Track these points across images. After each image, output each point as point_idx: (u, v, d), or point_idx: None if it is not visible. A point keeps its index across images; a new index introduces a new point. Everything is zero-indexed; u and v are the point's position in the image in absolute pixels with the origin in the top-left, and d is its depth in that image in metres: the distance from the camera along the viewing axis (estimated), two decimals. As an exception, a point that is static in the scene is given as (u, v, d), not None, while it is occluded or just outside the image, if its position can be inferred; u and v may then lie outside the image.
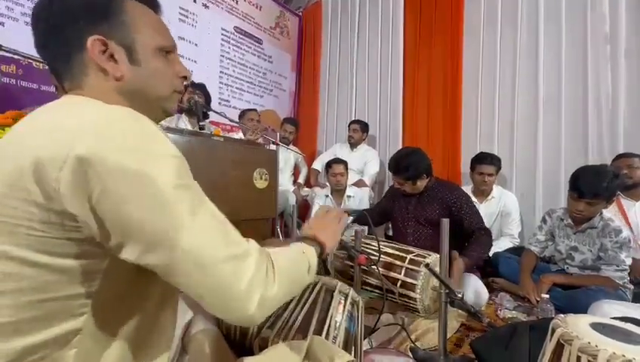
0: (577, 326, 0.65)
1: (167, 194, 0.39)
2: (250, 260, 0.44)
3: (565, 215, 1.75)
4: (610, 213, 1.86)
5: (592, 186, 1.52)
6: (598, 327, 0.64)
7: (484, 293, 1.54)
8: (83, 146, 0.37)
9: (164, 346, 0.54)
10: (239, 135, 2.94)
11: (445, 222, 1.03)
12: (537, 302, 1.55)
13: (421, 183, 1.74)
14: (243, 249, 0.44)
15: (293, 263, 0.54)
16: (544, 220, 1.85)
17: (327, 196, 2.68)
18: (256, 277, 0.43)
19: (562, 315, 0.71)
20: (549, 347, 0.67)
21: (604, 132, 2.22)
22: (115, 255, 0.41)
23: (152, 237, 0.39)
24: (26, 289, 0.39)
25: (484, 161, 2.26)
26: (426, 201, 1.75)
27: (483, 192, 2.30)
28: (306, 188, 3.32)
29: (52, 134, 0.39)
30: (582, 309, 1.34)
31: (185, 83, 0.57)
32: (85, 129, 0.38)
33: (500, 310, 1.51)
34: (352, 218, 1.13)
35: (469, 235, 1.66)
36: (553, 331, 0.67)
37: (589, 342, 0.60)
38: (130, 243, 0.39)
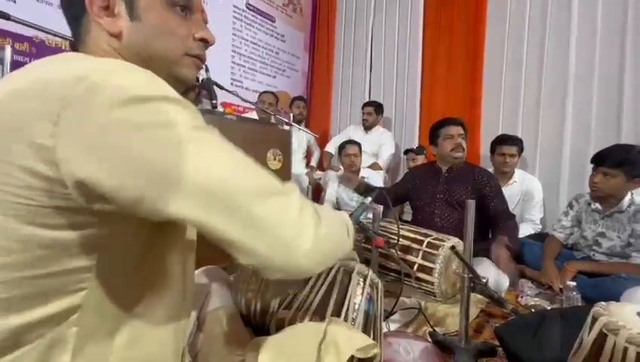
0: (623, 315, 0.59)
1: (188, 135, 0.35)
2: (295, 195, 0.40)
3: (593, 200, 1.66)
4: None
5: (612, 154, 1.47)
6: (647, 317, 0.58)
7: (505, 279, 1.49)
8: (80, 99, 0.33)
9: (183, 319, 0.51)
10: (252, 116, 2.89)
11: (471, 204, 0.97)
12: (560, 289, 1.49)
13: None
14: (284, 185, 0.41)
15: (330, 214, 0.49)
16: (570, 205, 1.77)
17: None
18: (304, 210, 0.39)
19: (604, 303, 0.65)
20: (589, 337, 0.61)
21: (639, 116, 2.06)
22: (118, 222, 0.37)
23: (172, 185, 0.34)
24: (15, 264, 0.35)
25: (506, 142, 2.16)
26: (456, 181, 1.68)
27: (504, 175, 2.20)
28: (318, 172, 3.28)
29: (40, 87, 0.34)
30: (611, 298, 1.26)
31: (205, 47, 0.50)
32: (81, 80, 0.33)
33: (522, 297, 1.46)
34: (370, 198, 1.08)
35: (491, 220, 1.60)
36: (594, 320, 0.62)
37: (639, 333, 0.54)
38: (149, 193, 0.34)
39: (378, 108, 3.09)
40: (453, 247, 0.99)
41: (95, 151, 0.33)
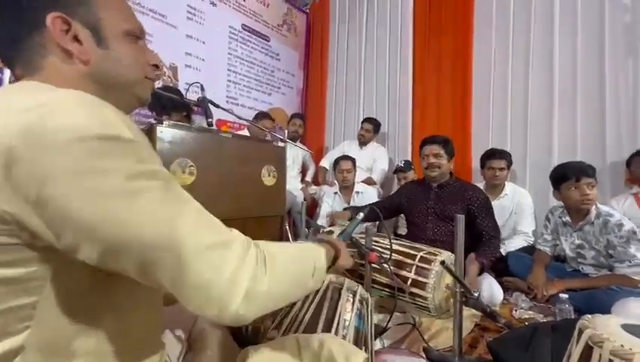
0: (608, 328, 0.60)
1: (124, 187, 0.34)
2: (234, 248, 0.39)
3: (563, 213, 1.70)
4: (625, 206, 1.86)
5: (584, 165, 1.56)
6: (630, 329, 0.59)
7: (499, 293, 1.49)
8: (18, 139, 0.31)
9: (149, 351, 0.47)
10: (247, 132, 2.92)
11: (460, 218, 0.99)
12: (542, 297, 1.54)
13: (450, 166, 1.77)
14: (224, 237, 0.39)
15: (293, 259, 0.48)
16: (548, 219, 1.82)
17: (335, 193, 2.65)
18: (241, 267, 0.38)
19: (590, 315, 0.67)
20: (576, 349, 0.62)
21: (622, 127, 2.13)
22: (64, 257, 0.35)
23: (112, 236, 0.33)
24: None
25: (494, 155, 2.22)
26: (446, 197, 1.72)
27: (495, 188, 2.24)
28: (313, 187, 3.30)
29: None
30: (603, 310, 1.28)
31: (156, 72, 0.54)
32: (23, 119, 0.32)
33: (516, 310, 1.46)
34: (362, 214, 1.09)
35: (478, 236, 1.62)
36: (580, 332, 0.63)
37: (622, 345, 0.55)
38: (85, 244, 0.33)
39: (377, 126, 3.14)
40: (443, 262, 1.00)
41: (27, 197, 0.32)
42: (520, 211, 2.20)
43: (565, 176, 1.57)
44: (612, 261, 1.52)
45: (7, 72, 1.41)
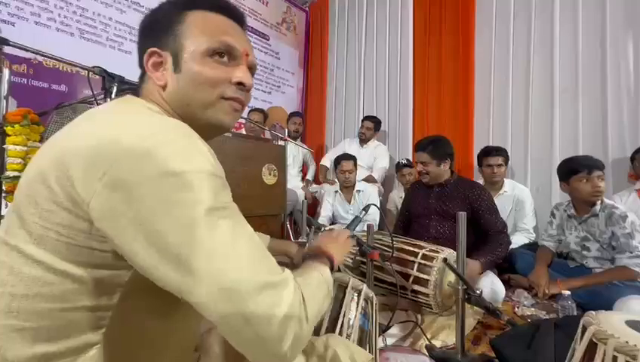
0: (612, 324, 0.60)
1: (201, 220, 0.37)
2: (288, 291, 0.39)
3: (569, 206, 1.73)
4: (628, 202, 1.87)
5: (593, 159, 1.58)
6: (635, 325, 0.59)
7: (501, 290, 1.49)
8: (122, 165, 0.36)
9: (189, 347, 0.54)
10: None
11: (462, 216, 0.99)
12: (544, 296, 1.54)
13: (443, 168, 1.71)
14: (280, 277, 0.40)
15: (317, 291, 0.49)
16: (553, 214, 1.84)
17: (336, 192, 2.65)
18: (291, 311, 0.39)
19: (593, 312, 0.66)
20: (580, 346, 0.62)
21: (625, 122, 2.13)
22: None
23: (183, 263, 0.36)
24: (47, 295, 0.38)
25: (491, 153, 2.21)
26: (447, 196, 1.72)
27: (494, 185, 2.24)
28: (314, 185, 3.29)
29: (93, 141, 0.38)
30: (606, 306, 1.28)
31: (242, 92, 0.52)
32: (128, 146, 0.37)
33: (518, 307, 1.46)
34: (364, 212, 1.09)
35: (485, 234, 1.62)
36: (584, 329, 0.63)
37: (627, 341, 0.55)
38: (161, 265, 0.37)
39: (377, 124, 3.14)
40: (445, 260, 1.00)
41: (121, 216, 0.36)
42: (520, 208, 2.20)
43: (576, 169, 1.60)
44: (614, 252, 1.54)
45: (6, 72, 1.40)
